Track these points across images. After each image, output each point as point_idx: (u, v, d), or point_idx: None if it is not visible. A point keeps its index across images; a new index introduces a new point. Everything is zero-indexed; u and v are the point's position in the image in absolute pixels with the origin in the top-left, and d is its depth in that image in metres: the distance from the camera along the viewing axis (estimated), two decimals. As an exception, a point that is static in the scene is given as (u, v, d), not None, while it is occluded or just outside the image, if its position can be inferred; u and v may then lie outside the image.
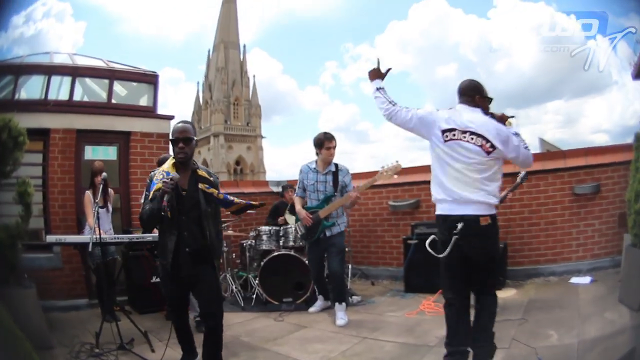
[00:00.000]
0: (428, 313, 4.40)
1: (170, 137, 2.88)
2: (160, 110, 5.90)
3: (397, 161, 4.17)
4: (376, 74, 3.01)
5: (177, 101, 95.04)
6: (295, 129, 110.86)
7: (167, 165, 2.87)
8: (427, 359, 3.27)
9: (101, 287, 4.36)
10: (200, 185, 2.87)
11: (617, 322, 3.42)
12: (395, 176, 4.24)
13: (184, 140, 2.80)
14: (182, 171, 2.83)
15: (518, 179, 4.30)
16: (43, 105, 5.05)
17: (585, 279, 4.84)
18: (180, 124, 2.89)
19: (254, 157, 61.84)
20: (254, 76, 66.24)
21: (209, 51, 66.46)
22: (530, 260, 5.27)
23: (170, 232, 2.81)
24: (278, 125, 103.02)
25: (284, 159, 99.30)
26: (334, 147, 4.45)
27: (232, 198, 3.11)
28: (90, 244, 3.57)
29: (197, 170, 2.90)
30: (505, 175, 5.01)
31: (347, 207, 4.60)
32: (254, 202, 3.28)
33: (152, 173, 2.92)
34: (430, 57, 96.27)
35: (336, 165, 4.50)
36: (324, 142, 4.42)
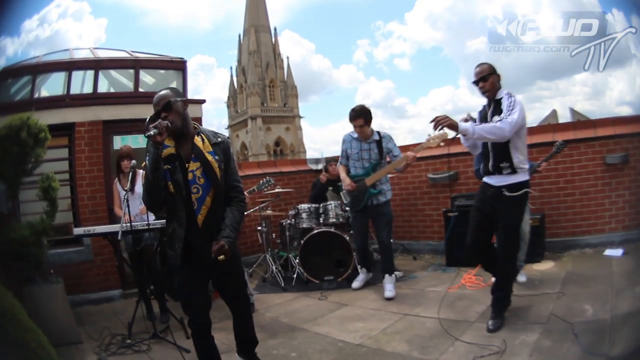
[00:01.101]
0: (469, 287, 4.27)
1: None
2: (195, 97, 5.79)
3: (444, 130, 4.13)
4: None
5: (211, 87, 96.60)
6: (333, 107, 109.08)
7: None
8: (468, 335, 3.14)
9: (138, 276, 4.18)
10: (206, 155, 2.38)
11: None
12: (442, 144, 4.07)
13: (164, 107, 2.31)
14: (182, 142, 2.38)
15: (553, 148, 4.16)
16: (63, 101, 4.96)
17: (618, 252, 4.68)
18: (156, 96, 2.39)
19: (294, 138, 60.58)
20: (287, 57, 64.63)
21: (239, 36, 65.13)
22: (567, 232, 5.08)
23: (178, 214, 2.35)
24: (315, 104, 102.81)
25: (323, 137, 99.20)
26: (359, 126, 4.33)
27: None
28: (120, 233, 3.36)
29: (195, 137, 2.40)
30: (539, 144, 4.94)
31: (399, 171, 4.50)
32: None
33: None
34: (460, 32, 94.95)
35: (379, 133, 4.41)
36: (353, 123, 4.37)
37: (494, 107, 3.09)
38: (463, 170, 5.64)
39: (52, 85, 5.22)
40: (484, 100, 3.21)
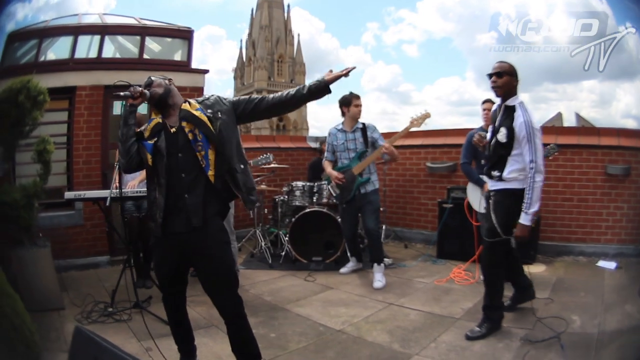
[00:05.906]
0: (457, 282, 4.11)
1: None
2: (200, 66, 5.60)
3: (425, 110, 3.99)
4: None
5: (218, 58, 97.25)
6: (339, 87, 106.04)
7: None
8: (450, 333, 2.99)
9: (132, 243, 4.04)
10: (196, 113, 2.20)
11: (634, 317, 3.17)
12: (426, 123, 3.99)
13: (146, 84, 2.25)
14: (170, 112, 2.24)
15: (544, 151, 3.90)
16: (66, 64, 4.77)
17: (611, 264, 4.51)
18: None
19: (297, 114, 58.95)
20: (298, 35, 63.53)
21: (252, 10, 64.06)
22: (561, 237, 4.89)
23: (160, 182, 2.15)
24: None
25: (326, 116, 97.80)
26: (360, 105, 4.22)
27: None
28: (108, 199, 3.21)
29: (182, 104, 2.23)
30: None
31: (388, 161, 4.46)
32: None
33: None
34: (471, 25, 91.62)
35: (363, 123, 4.26)
36: (351, 100, 4.19)
37: (504, 114, 2.81)
38: (462, 162, 5.45)
39: (58, 50, 5.01)
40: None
